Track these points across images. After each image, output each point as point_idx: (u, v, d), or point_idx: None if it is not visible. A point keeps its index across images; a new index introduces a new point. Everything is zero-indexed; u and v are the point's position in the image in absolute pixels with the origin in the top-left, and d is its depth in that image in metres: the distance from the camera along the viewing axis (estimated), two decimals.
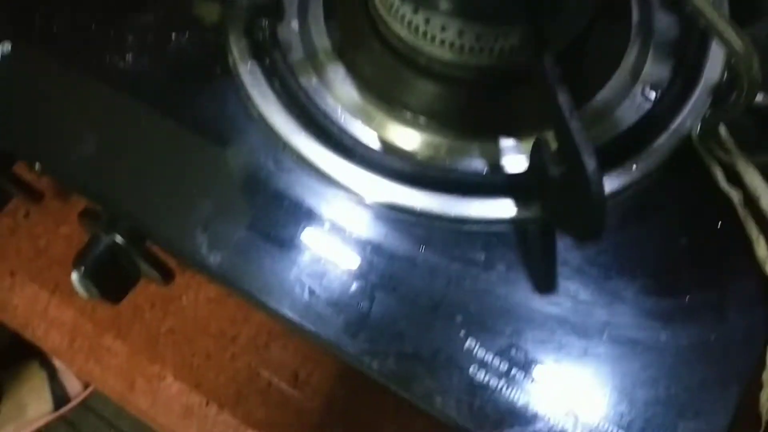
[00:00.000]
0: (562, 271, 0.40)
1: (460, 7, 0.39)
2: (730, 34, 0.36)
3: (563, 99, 0.37)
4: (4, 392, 1.20)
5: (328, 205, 0.42)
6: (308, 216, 0.42)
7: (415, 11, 0.42)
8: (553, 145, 0.39)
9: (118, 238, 0.44)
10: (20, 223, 0.56)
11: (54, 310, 0.53)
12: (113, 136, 0.45)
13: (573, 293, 0.39)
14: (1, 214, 0.54)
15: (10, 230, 0.56)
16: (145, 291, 0.52)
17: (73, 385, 1.23)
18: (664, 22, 0.48)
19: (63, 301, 0.53)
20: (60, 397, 1.21)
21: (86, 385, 1.23)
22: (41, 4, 0.48)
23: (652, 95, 0.46)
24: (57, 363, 1.22)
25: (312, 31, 0.48)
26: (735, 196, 0.42)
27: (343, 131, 0.44)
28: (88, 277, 0.43)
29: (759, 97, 0.43)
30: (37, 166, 0.44)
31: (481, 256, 0.40)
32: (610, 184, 0.42)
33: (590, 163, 0.34)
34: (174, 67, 0.47)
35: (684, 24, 0.48)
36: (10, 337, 1.13)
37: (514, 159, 0.44)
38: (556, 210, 0.40)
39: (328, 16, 0.48)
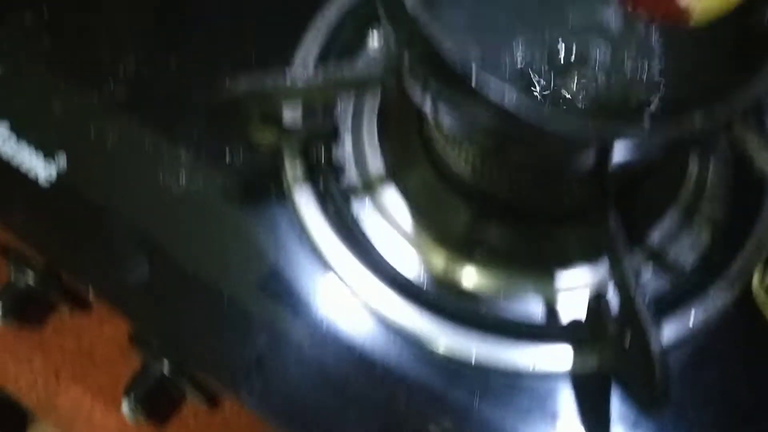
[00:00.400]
0: (618, 426, 0.39)
1: (524, 159, 0.38)
2: None
3: (627, 263, 0.36)
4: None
5: (384, 347, 0.41)
6: (363, 357, 0.41)
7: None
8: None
9: (167, 366, 0.43)
10: (65, 321, 0.56)
11: (98, 415, 0.53)
12: (169, 262, 0.44)
13: None
14: None
15: (54, 328, 0.56)
16: (191, 409, 0.52)
17: None
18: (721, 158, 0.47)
19: (107, 407, 0.52)
20: None
21: None
22: (95, 119, 0.48)
23: (710, 233, 0.45)
24: None
25: (366, 152, 0.48)
26: None
27: (394, 269, 0.43)
28: (137, 407, 0.43)
29: None
30: (90, 290, 0.44)
31: (537, 409, 0.40)
32: (668, 334, 0.41)
33: (656, 346, 0.34)
34: (227, 189, 0.46)
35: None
36: None
37: (570, 297, 0.43)
38: (616, 367, 0.39)
39: (382, 136, 0.48)
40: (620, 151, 0.33)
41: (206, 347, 0.42)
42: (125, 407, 0.43)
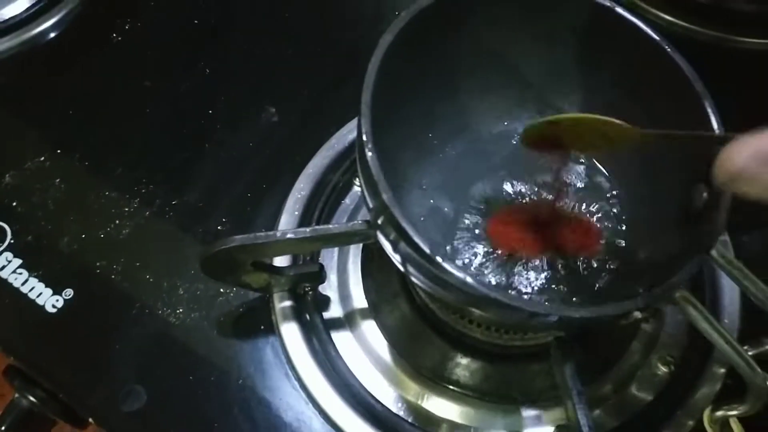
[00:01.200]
0: None
1: (482, 320, 0.42)
2: (741, 363, 0.39)
3: (581, 415, 0.40)
4: None
5: None
6: None
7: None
8: None
9: None
10: (65, 430, 0.59)
11: None
12: (162, 391, 0.48)
13: None
14: None
15: None
16: None
17: None
18: None
19: None
20: None
21: None
22: (100, 254, 0.52)
23: (666, 368, 0.49)
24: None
25: (350, 288, 0.52)
26: None
27: (376, 402, 0.47)
28: None
29: None
30: (90, 420, 0.47)
31: None
32: None
33: None
34: (221, 322, 0.50)
35: None
36: None
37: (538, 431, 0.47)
38: None
39: (365, 274, 0.52)
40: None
41: None
42: None
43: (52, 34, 0.64)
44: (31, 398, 0.51)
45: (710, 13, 0.65)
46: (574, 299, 0.43)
